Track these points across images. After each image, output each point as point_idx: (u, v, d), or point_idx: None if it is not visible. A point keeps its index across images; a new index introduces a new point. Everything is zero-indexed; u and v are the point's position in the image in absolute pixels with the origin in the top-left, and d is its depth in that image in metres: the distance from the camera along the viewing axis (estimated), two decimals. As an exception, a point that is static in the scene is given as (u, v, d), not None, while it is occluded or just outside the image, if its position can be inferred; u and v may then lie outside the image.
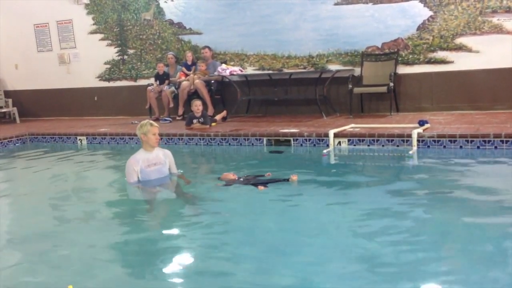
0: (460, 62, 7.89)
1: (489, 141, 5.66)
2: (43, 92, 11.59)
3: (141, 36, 10.34)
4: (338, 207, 3.96)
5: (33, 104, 11.70)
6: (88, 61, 10.95)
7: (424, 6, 7.99)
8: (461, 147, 5.77)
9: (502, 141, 5.60)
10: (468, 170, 5.01)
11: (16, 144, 8.33)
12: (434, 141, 5.90)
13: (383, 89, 7.93)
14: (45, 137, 8.51)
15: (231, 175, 4.74)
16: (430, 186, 4.59)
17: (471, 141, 5.74)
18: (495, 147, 5.62)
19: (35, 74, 11.59)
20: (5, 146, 8.13)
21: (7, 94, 11.65)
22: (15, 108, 11.17)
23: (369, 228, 3.40)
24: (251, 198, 4.28)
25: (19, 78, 11.85)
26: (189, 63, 9.49)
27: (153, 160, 4.80)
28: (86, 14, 10.78)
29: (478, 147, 5.69)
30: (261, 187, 4.39)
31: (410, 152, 5.74)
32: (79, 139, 8.17)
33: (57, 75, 11.35)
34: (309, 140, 6.54)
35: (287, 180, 4.58)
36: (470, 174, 4.87)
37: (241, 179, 4.69)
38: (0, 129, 9.59)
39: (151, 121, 4.88)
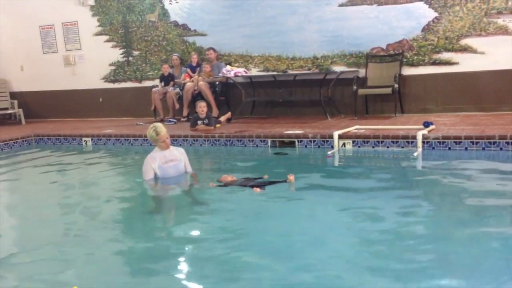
0: (465, 64, 7.87)
1: (494, 143, 5.64)
2: (48, 94, 11.64)
3: (146, 38, 10.37)
4: (342, 208, 3.95)
5: (39, 106, 11.75)
6: (93, 62, 10.99)
7: (429, 7, 7.97)
8: (466, 148, 5.75)
9: (507, 143, 5.57)
10: (473, 172, 4.99)
11: (22, 145, 8.37)
12: (439, 142, 5.88)
13: (388, 90, 7.91)
14: (50, 138, 8.55)
15: (230, 178, 4.71)
16: (434, 188, 4.58)
17: (476, 143, 5.72)
18: (500, 149, 5.60)
19: (40, 76, 11.63)
20: (11, 147, 8.17)
21: (13, 95, 11.70)
22: (20, 110, 11.21)
23: (373, 231, 3.39)
24: (253, 201, 4.25)
25: (25, 79, 11.90)
26: (194, 64, 9.51)
27: (169, 157, 4.91)
28: (91, 15, 10.83)
29: (483, 149, 5.67)
30: (256, 189, 4.33)
31: (415, 154, 5.73)
32: (84, 140, 8.20)
33: (62, 77, 11.40)
34: (314, 141, 6.54)
35: (285, 181, 4.55)
36: (475, 176, 4.84)
37: (239, 182, 4.65)
38: (5, 130, 9.63)
39: (157, 128, 4.85)
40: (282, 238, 3.37)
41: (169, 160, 4.89)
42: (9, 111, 11.39)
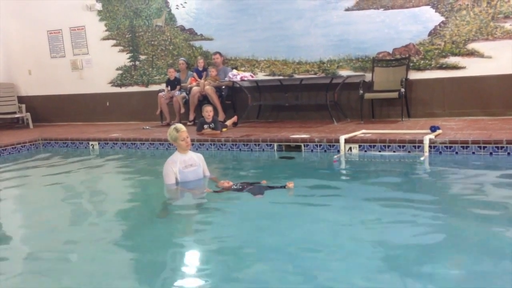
0: (472, 68, 7.85)
1: (501, 147, 5.60)
2: (56, 98, 11.73)
3: (152, 42, 10.42)
4: (348, 213, 3.95)
5: (46, 110, 11.83)
6: (100, 67, 11.06)
7: (435, 11, 7.96)
8: (473, 153, 5.72)
9: (515, 147, 5.55)
10: (481, 177, 4.96)
11: (29, 149, 8.42)
12: (446, 147, 5.86)
13: (394, 94, 7.90)
14: (57, 142, 8.60)
15: (226, 183, 4.66)
16: (441, 193, 4.55)
17: (484, 147, 5.69)
18: (508, 153, 5.56)
19: (48, 80, 11.73)
20: (19, 151, 8.22)
21: (21, 99, 11.79)
22: (28, 114, 11.30)
23: (379, 235, 3.38)
24: (255, 206, 4.23)
25: (33, 83, 12.00)
26: (200, 68, 9.54)
27: (189, 162, 4.89)
28: (99, 20, 10.90)
29: (490, 154, 5.63)
30: (258, 196, 4.31)
31: (422, 158, 5.71)
32: (91, 144, 8.24)
33: (69, 81, 11.48)
34: (320, 146, 6.53)
35: (284, 187, 4.52)
36: (483, 181, 4.81)
37: (237, 187, 4.62)
38: (13, 134, 9.70)
39: (177, 126, 4.87)
40: (285, 243, 3.35)
41: (189, 165, 4.87)
42: (17, 115, 11.49)
